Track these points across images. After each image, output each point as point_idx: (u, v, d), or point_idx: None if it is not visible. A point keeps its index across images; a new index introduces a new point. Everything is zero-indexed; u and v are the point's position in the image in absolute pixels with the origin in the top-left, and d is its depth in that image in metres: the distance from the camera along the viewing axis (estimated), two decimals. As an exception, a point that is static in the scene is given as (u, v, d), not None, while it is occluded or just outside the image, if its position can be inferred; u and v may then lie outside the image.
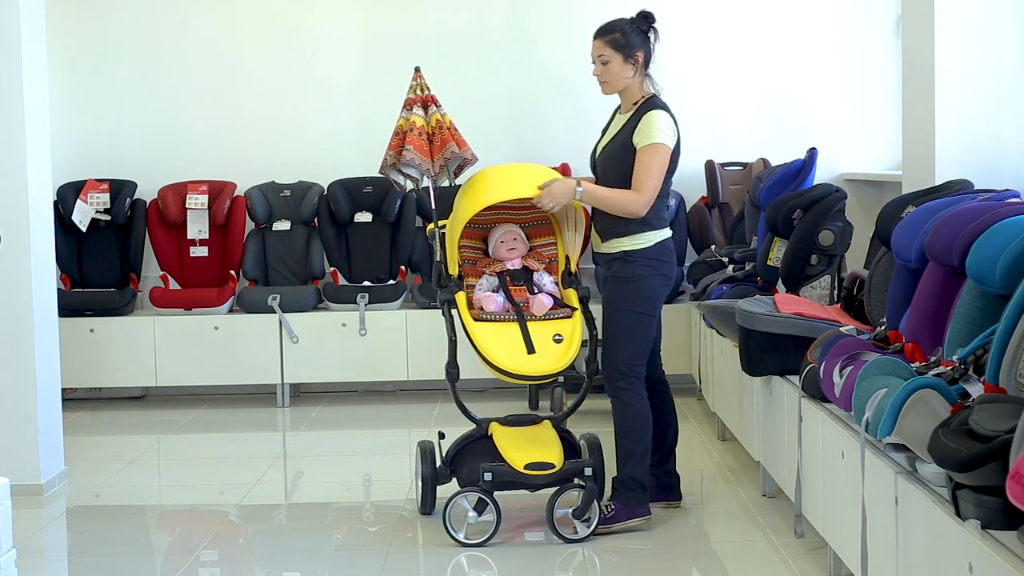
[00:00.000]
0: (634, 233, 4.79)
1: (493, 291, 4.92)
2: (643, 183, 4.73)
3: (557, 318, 4.86)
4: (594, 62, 4.89)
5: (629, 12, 5.01)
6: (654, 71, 4.92)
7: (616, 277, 4.84)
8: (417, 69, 5.04)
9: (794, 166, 6.31)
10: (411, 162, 4.87)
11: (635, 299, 4.78)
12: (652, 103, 4.84)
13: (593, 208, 4.89)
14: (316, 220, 7.80)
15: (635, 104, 4.85)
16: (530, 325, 4.81)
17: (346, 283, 7.72)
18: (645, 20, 4.90)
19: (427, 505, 5.03)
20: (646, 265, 4.79)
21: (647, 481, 4.85)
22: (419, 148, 4.87)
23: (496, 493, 4.71)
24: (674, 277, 4.96)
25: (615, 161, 4.83)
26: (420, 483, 5.01)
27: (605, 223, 4.85)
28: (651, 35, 4.90)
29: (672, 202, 7.60)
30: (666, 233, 4.86)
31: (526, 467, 4.68)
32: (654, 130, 4.75)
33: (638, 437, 4.80)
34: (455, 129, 4.96)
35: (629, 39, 4.84)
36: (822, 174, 6.89)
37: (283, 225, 7.80)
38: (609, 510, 4.78)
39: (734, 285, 6.11)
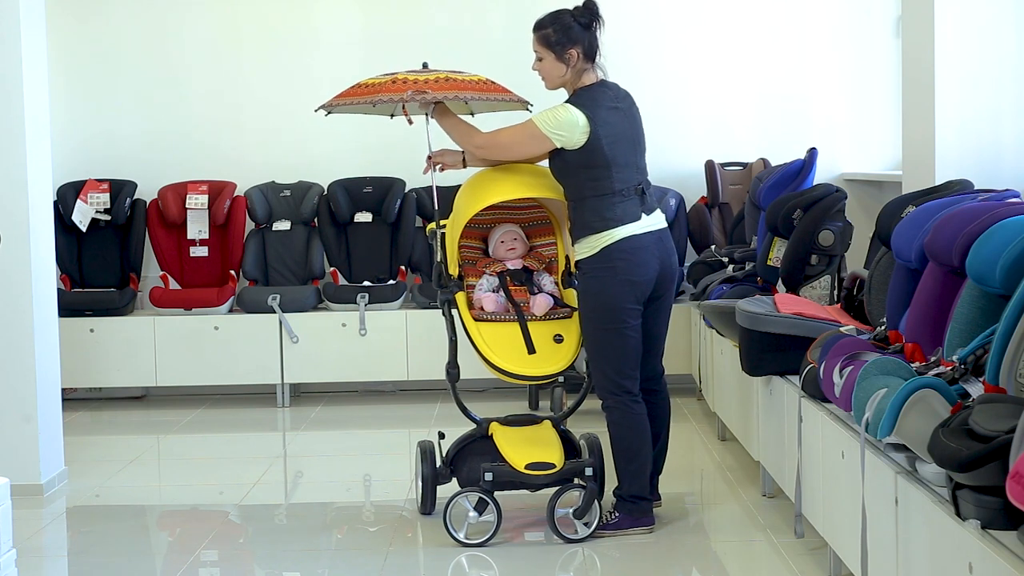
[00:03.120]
0: (579, 239, 4.68)
1: (493, 291, 4.93)
2: (494, 132, 4.76)
3: (557, 318, 4.86)
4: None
5: (629, 14, 5.01)
6: (652, 67, 4.86)
7: (580, 291, 4.75)
8: (425, 65, 5.05)
9: (794, 166, 6.32)
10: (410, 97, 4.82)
11: (598, 314, 4.64)
12: (571, 98, 4.68)
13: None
14: (316, 220, 7.81)
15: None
16: (530, 325, 4.81)
17: (346, 283, 7.72)
18: (587, 11, 4.68)
19: (427, 505, 5.03)
20: (597, 275, 4.62)
21: (648, 493, 4.80)
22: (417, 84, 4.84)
23: (496, 493, 4.71)
24: (643, 274, 4.62)
25: (551, 162, 4.75)
26: (420, 483, 5.01)
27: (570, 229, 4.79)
28: (595, 26, 4.68)
29: (672, 202, 7.61)
30: (619, 233, 4.59)
31: (526, 467, 4.68)
32: (544, 113, 4.63)
33: (631, 454, 4.72)
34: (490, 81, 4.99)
35: (562, 36, 4.65)
36: (822, 174, 6.89)
37: (283, 225, 7.81)
38: (612, 517, 4.77)
39: (734, 285, 6.11)
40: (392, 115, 5.35)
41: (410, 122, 4.93)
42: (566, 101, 4.68)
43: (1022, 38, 5.26)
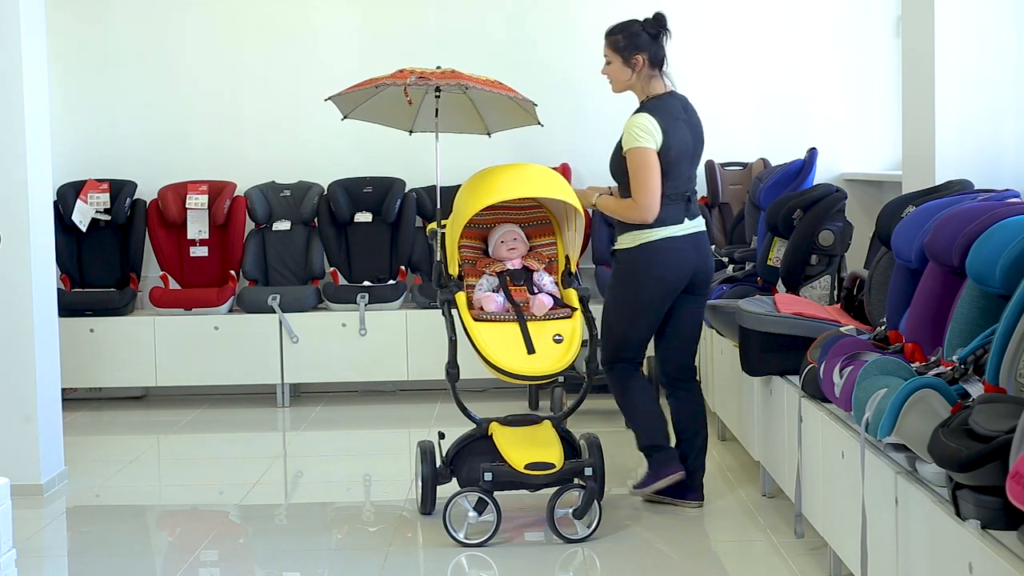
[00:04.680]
0: (625, 232, 4.95)
1: (493, 291, 4.93)
2: (635, 190, 4.87)
3: (557, 318, 4.86)
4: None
5: (630, 14, 5.07)
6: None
7: (612, 273, 5.10)
8: (438, 67, 5.09)
9: (794, 166, 6.32)
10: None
11: (620, 296, 4.96)
12: (642, 106, 4.96)
13: None
14: (316, 220, 7.81)
15: (640, 104, 5.02)
16: (530, 325, 4.82)
17: (346, 283, 7.72)
18: (656, 23, 5.00)
19: (427, 505, 5.03)
20: (630, 265, 4.92)
21: (664, 441, 5.05)
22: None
23: (496, 493, 4.71)
24: (673, 274, 4.92)
25: (613, 163, 5.00)
26: (420, 483, 5.01)
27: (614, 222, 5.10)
28: (662, 37, 5.00)
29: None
30: (659, 233, 4.89)
31: (526, 467, 4.68)
32: (629, 135, 4.87)
33: (632, 408, 5.07)
34: (498, 82, 5.16)
35: (631, 42, 4.96)
36: (822, 174, 6.89)
37: (283, 225, 7.81)
38: (644, 478, 5.04)
39: (734, 285, 6.12)
40: (411, 131, 5.49)
41: (410, 102, 5.15)
42: (638, 110, 4.94)
43: (1022, 38, 5.26)
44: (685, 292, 5.00)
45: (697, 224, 5.01)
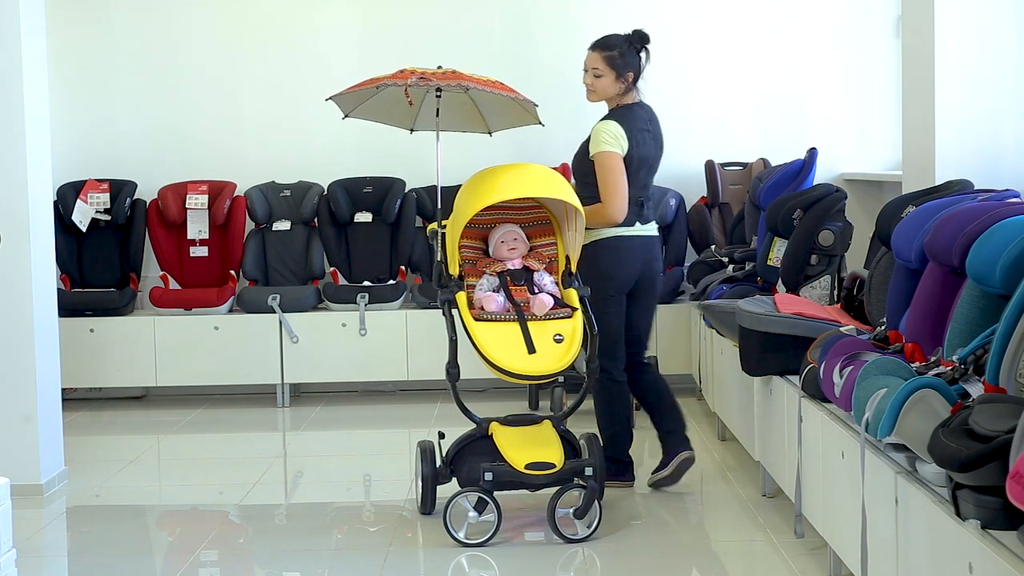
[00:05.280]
0: (586, 232, 5.12)
1: (494, 291, 4.93)
2: (603, 192, 5.12)
3: (557, 318, 4.86)
4: (586, 71, 5.25)
5: (630, 13, 5.10)
6: (652, 67, 5.29)
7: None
8: (439, 67, 5.10)
9: (794, 166, 6.32)
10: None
11: (592, 295, 5.03)
12: (610, 113, 5.21)
13: None
14: (316, 220, 7.81)
15: (608, 112, 5.27)
16: (530, 325, 4.81)
17: (346, 283, 7.72)
18: (640, 40, 5.23)
19: (427, 505, 5.03)
20: (585, 266, 5.09)
21: (622, 456, 5.29)
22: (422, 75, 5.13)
23: (496, 493, 4.71)
24: (620, 270, 5.15)
25: (576, 164, 5.28)
26: (420, 483, 5.01)
27: None
28: (643, 54, 5.24)
29: (672, 202, 7.61)
30: (606, 233, 5.14)
31: (527, 467, 4.68)
32: (596, 140, 5.13)
33: (603, 424, 5.27)
34: (499, 83, 5.23)
35: (625, 60, 5.20)
36: (822, 174, 6.89)
37: (283, 225, 7.81)
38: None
39: (734, 285, 6.12)
40: (412, 130, 5.53)
41: (411, 103, 5.21)
42: (605, 117, 5.19)
43: (1022, 38, 5.26)
44: (633, 290, 5.23)
45: (648, 229, 5.25)
